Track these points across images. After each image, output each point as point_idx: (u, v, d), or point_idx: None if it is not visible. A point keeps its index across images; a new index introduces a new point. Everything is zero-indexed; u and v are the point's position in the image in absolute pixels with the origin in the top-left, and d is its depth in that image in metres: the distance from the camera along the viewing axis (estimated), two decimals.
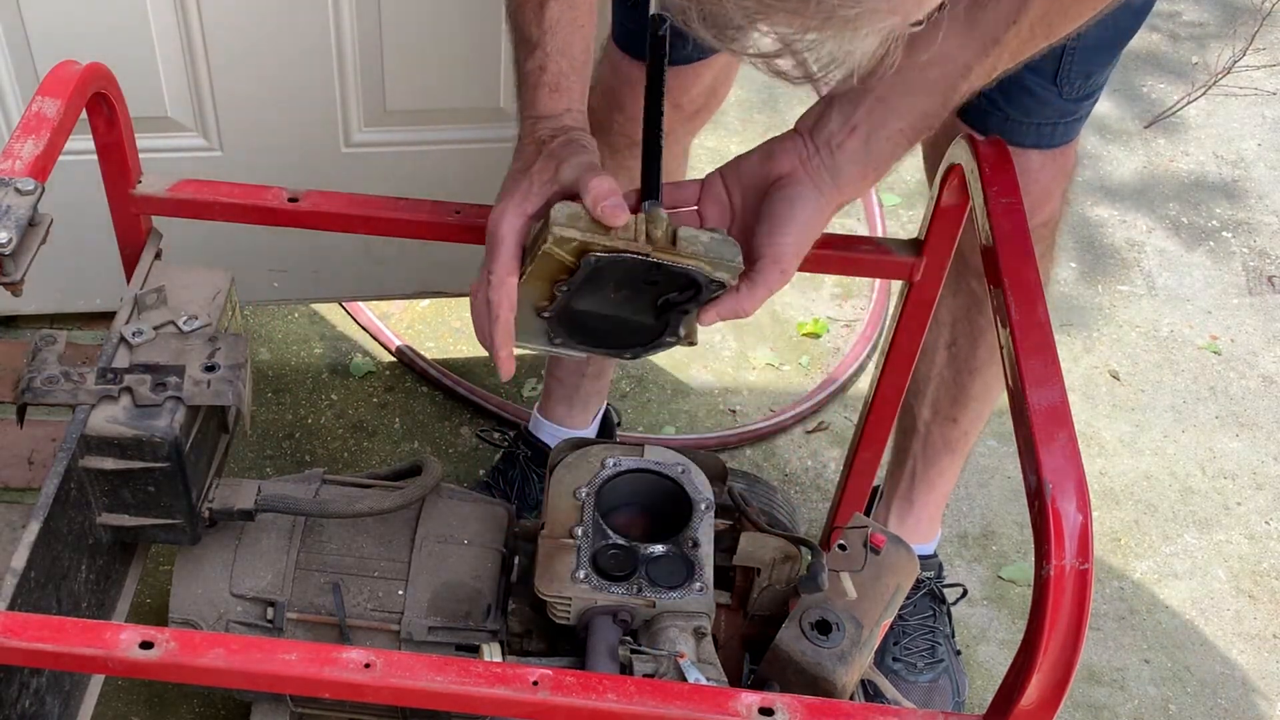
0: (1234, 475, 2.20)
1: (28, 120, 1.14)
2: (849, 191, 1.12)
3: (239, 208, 1.34)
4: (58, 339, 1.24)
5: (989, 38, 1.06)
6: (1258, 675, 1.93)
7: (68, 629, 1.00)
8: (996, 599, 2.00)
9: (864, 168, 1.11)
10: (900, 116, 1.09)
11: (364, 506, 1.32)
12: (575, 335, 1.18)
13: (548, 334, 1.18)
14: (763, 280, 1.11)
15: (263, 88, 1.82)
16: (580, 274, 1.10)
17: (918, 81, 1.08)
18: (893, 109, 1.09)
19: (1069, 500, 0.93)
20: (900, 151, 1.12)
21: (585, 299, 1.14)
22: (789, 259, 1.11)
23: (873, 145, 1.10)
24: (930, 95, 1.09)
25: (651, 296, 1.14)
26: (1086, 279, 2.53)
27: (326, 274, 2.07)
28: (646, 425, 2.19)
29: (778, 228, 1.10)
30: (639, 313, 1.16)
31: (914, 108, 1.09)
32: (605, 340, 1.19)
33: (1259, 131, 2.90)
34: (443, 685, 0.99)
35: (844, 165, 1.10)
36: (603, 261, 1.09)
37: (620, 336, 1.18)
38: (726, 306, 1.12)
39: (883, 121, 1.09)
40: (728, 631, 1.40)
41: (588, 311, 1.16)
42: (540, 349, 1.19)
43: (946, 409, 1.72)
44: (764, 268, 1.11)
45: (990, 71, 1.09)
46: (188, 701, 1.76)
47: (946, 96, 1.09)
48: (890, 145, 1.11)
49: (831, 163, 1.11)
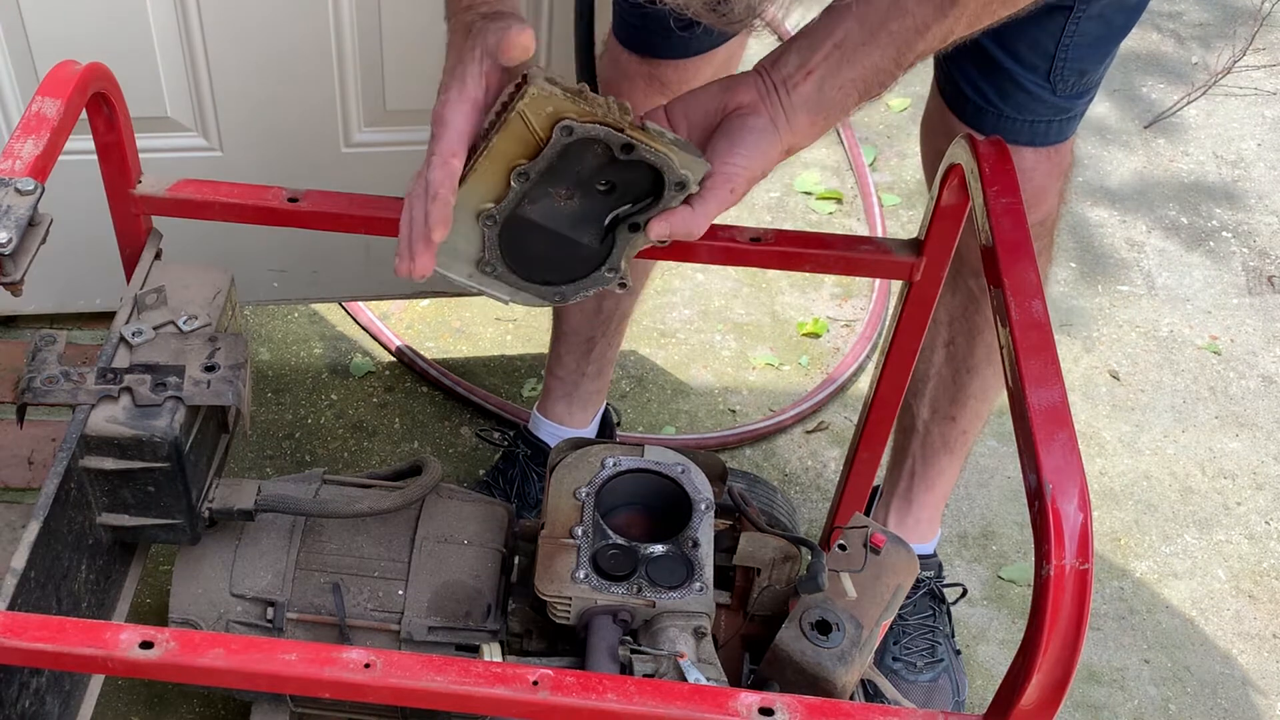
0: (1234, 475, 2.20)
1: (28, 120, 1.14)
2: (799, 135, 1.12)
3: (239, 208, 1.34)
4: (58, 339, 1.24)
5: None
6: (1258, 675, 1.93)
7: (68, 629, 1.00)
8: (996, 599, 2.00)
9: (814, 114, 1.11)
10: (853, 65, 1.10)
11: (364, 506, 1.32)
12: (509, 257, 1.12)
13: (478, 257, 1.12)
14: (713, 197, 1.10)
15: (263, 88, 1.82)
16: (549, 151, 1.06)
17: (875, 34, 1.09)
18: (847, 57, 1.10)
19: (1069, 500, 0.93)
20: (849, 104, 1.12)
21: (536, 201, 1.10)
22: (740, 180, 1.10)
23: (825, 91, 1.10)
24: (885, 49, 1.09)
25: (603, 209, 1.11)
26: (1086, 279, 2.53)
27: (326, 274, 2.07)
28: (646, 425, 2.19)
29: (734, 148, 1.10)
30: (584, 230, 1.12)
31: (868, 58, 1.09)
32: (538, 269, 1.14)
33: (1259, 131, 2.90)
34: (443, 685, 0.99)
35: (797, 107, 1.11)
36: (576, 135, 1.06)
37: (556, 264, 1.14)
38: (678, 219, 1.10)
39: (836, 69, 1.10)
40: (728, 631, 1.40)
41: (532, 222, 1.11)
42: (461, 279, 1.13)
43: (945, 408, 1.72)
44: (715, 185, 1.10)
45: (947, 35, 1.09)
46: (188, 701, 1.76)
47: (900, 53, 1.10)
48: (841, 95, 1.11)
49: (787, 102, 1.11)
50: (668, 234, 1.10)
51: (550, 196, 1.10)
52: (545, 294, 1.15)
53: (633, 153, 1.08)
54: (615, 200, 1.11)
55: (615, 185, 1.10)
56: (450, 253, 1.12)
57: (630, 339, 2.27)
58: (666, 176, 1.09)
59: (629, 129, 1.07)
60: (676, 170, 1.08)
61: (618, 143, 1.07)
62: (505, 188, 1.09)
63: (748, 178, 1.11)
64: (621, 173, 1.10)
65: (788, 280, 2.45)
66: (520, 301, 1.16)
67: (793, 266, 1.43)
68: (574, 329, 1.89)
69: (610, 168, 1.10)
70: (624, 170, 1.09)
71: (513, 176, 1.08)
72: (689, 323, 2.37)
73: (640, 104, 1.61)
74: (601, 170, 1.10)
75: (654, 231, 1.10)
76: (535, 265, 1.13)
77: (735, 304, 2.41)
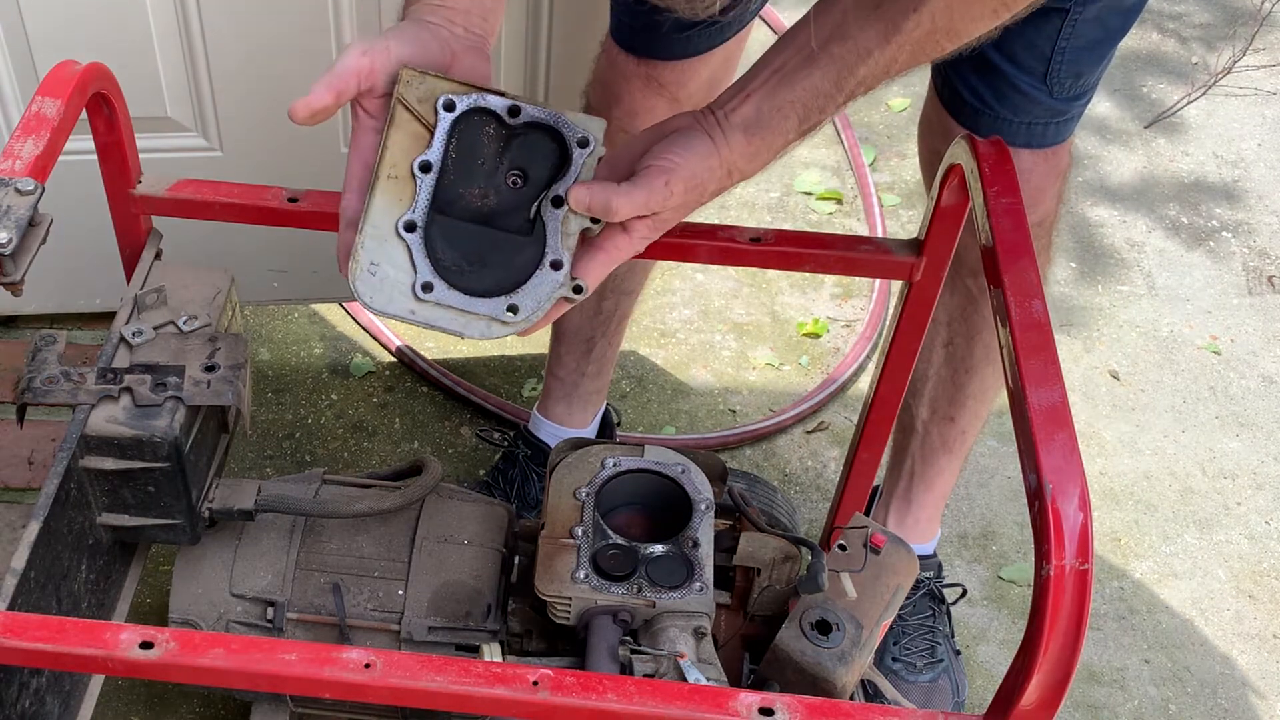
0: (1234, 475, 2.20)
1: (28, 120, 1.14)
2: (736, 153, 1.09)
3: (239, 208, 1.34)
4: (58, 339, 1.24)
5: (890, 24, 1.05)
6: (1258, 675, 1.93)
7: (68, 629, 1.00)
8: (996, 599, 2.00)
9: (750, 134, 1.08)
10: (791, 88, 1.08)
11: (364, 506, 1.32)
12: (443, 271, 1.06)
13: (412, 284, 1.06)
14: (644, 184, 1.05)
15: (263, 88, 1.82)
16: (439, 131, 1.05)
17: (815, 55, 1.08)
18: (786, 80, 1.09)
19: (1069, 500, 0.93)
20: (789, 127, 1.09)
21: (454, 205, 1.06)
22: (678, 178, 1.06)
23: (762, 111, 1.09)
24: (825, 70, 1.08)
25: (524, 200, 1.07)
26: (1086, 279, 2.53)
27: (326, 274, 2.07)
28: (646, 425, 2.19)
29: (671, 148, 1.07)
30: (511, 220, 1.07)
31: (807, 80, 1.08)
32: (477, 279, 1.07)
33: (1259, 131, 2.90)
34: (443, 685, 0.99)
35: (735, 126, 1.09)
36: (459, 108, 1.04)
37: (495, 268, 1.07)
38: (598, 188, 1.05)
39: (774, 91, 1.09)
40: (728, 631, 1.40)
41: (457, 226, 1.06)
42: (403, 315, 1.06)
43: (944, 408, 1.72)
44: (650, 174, 1.06)
45: (889, 64, 1.08)
46: (188, 701, 1.76)
47: (841, 77, 1.08)
48: (779, 116, 1.09)
49: (725, 123, 1.09)
50: (587, 203, 1.05)
51: (466, 198, 1.07)
52: (497, 312, 1.06)
53: (520, 115, 1.05)
54: (533, 188, 1.07)
55: (526, 170, 1.07)
56: (384, 288, 1.05)
57: (630, 339, 2.27)
58: (566, 136, 1.06)
59: (509, 94, 1.05)
60: (572, 125, 1.05)
61: (502, 106, 1.05)
62: (415, 191, 1.06)
63: (685, 176, 1.06)
64: (524, 149, 1.06)
65: (788, 280, 2.45)
66: (476, 334, 1.06)
67: (793, 266, 1.43)
68: (574, 329, 1.89)
69: (511, 147, 1.06)
70: (526, 146, 1.06)
71: (415, 169, 1.05)
72: (689, 323, 2.37)
73: (638, 105, 1.62)
74: (503, 152, 1.07)
75: (573, 199, 1.05)
76: (474, 275, 1.06)
77: (735, 304, 2.41)
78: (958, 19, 1.06)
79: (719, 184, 1.10)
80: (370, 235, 1.05)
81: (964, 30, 1.07)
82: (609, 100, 1.63)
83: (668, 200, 1.06)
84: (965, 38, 1.08)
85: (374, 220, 1.05)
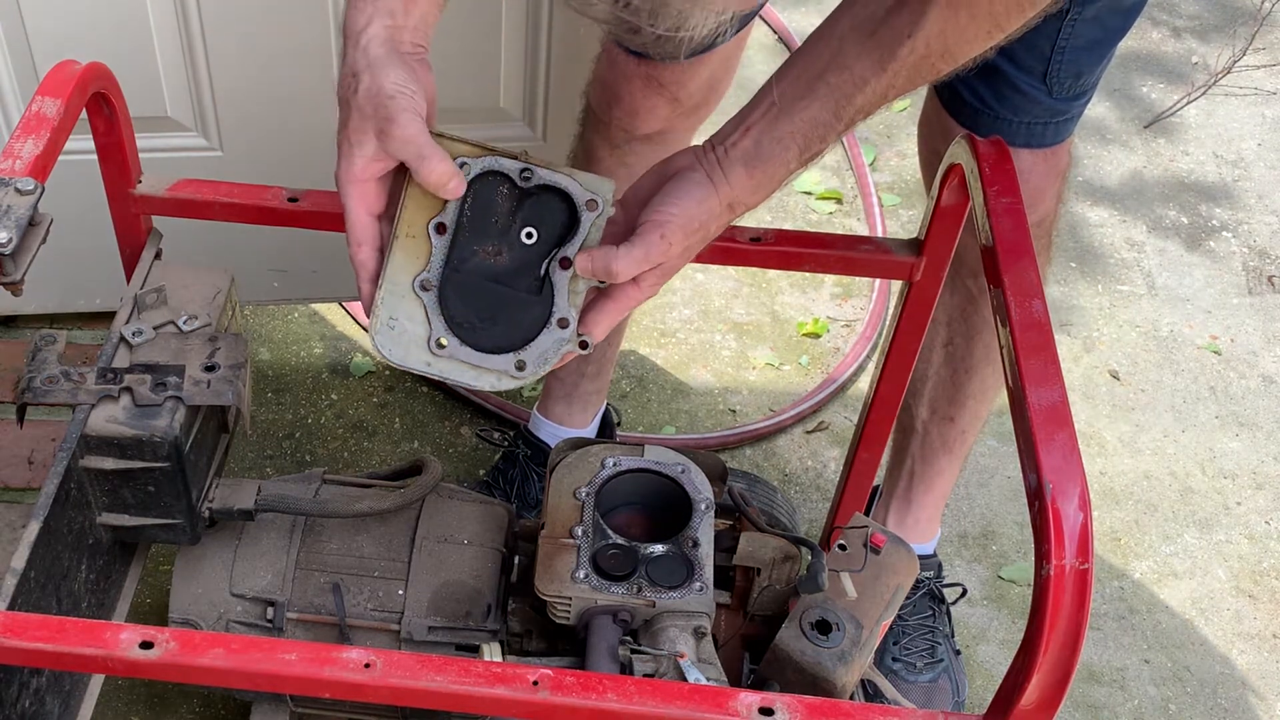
0: (1234, 475, 2.20)
1: (28, 120, 1.14)
2: (738, 189, 1.10)
3: (239, 208, 1.34)
4: (58, 339, 1.24)
5: (886, 51, 1.07)
6: (1258, 675, 1.93)
7: (68, 629, 1.00)
8: (996, 599, 2.00)
9: (750, 167, 1.10)
10: (791, 119, 1.10)
11: (364, 506, 1.32)
12: (456, 327, 1.11)
13: (427, 339, 1.11)
14: (641, 241, 1.07)
15: (263, 88, 1.82)
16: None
17: (813, 86, 1.09)
18: (785, 111, 1.10)
19: (1069, 500, 0.93)
20: (790, 158, 1.11)
21: (467, 262, 1.10)
22: (674, 228, 1.07)
23: (762, 144, 1.10)
24: (823, 101, 1.09)
25: (534, 257, 1.10)
26: (1086, 279, 2.53)
27: (326, 274, 2.07)
28: (646, 425, 2.19)
29: (667, 200, 1.09)
30: (522, 281, 1.11)
31: (806, 111, 1.09)
32: (489, 335, 1.12)
33: (1259, 131, 2.90)
34: (443, 685, 0.99)
35: (735, 161, 1.10)
36: (474, 170, 1.08)
37: (506, 325, 1.12)
38: (599, 254, 1.07)
39: (774, 123, 1.10)
40: (728, 631, 1.40)
41: (469, 284, 1.10)
42: (420, 368, 1.12)
43: (944, 408, 1.72)
44: (645, 231, 1.07)
45: (886, 90, 1.09)
46: (188, 701, 1.76)
47: (839, 107, 1.09)
48: (780, 148, 1.10)
49: (725, 159, 1.10)
50: (590, 269, 1.08)
51: (478, 255, 1.11)
52: (506, 367, 1.11)
53: (532, 178, 1.09)
54: (542, 247, 1.11)
55: (536, 230, 1.11)
56: (403, 341, 1.11)
57: (630, 339, 2.27)
58: (575, 198, 1.09)
59: (523, 156, 1.09)
60: (580, 188, 1.09)
61: (515, 169, 1.09)
62: (430, 250, 1.10)
63: (681, 225, 1.08)
64: (536, 210, 1.10)
65: (788, 280, 2.45)
66: (487, 386, 1.12)
67: (793, 266, 1.43)
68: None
69: (523, 207, 1.10)
70: (537, 207, 1.10)
71: (430, 231, 1.09)
72: (689, 323, 2.37)
73: (639, 104, 1.62)
74: (515, 212, 1.10)
75: (578, 267, 1.09)
76: (485, 332, 1.12)
77: (735, 304, 2.41)
78: (952, 43, 1.07)
79: (720, 221, 1.12)
80: (389, 291, 1.10)
81: (959, 53, 1.08)
82: (609, 100, 1.63)
83: (667, 253, 1.08)
84: (960, 60, 1.09)
85: (392, 277, 1.10)
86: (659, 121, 1.62)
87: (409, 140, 1.04)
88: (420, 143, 1.04)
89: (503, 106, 1.89)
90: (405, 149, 1.05)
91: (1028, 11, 1.06)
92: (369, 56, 1.06)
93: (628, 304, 1.11)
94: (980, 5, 1.05)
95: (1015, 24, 1.07)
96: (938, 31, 1.06)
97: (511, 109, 1.91)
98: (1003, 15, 1.06)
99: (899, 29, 1.06)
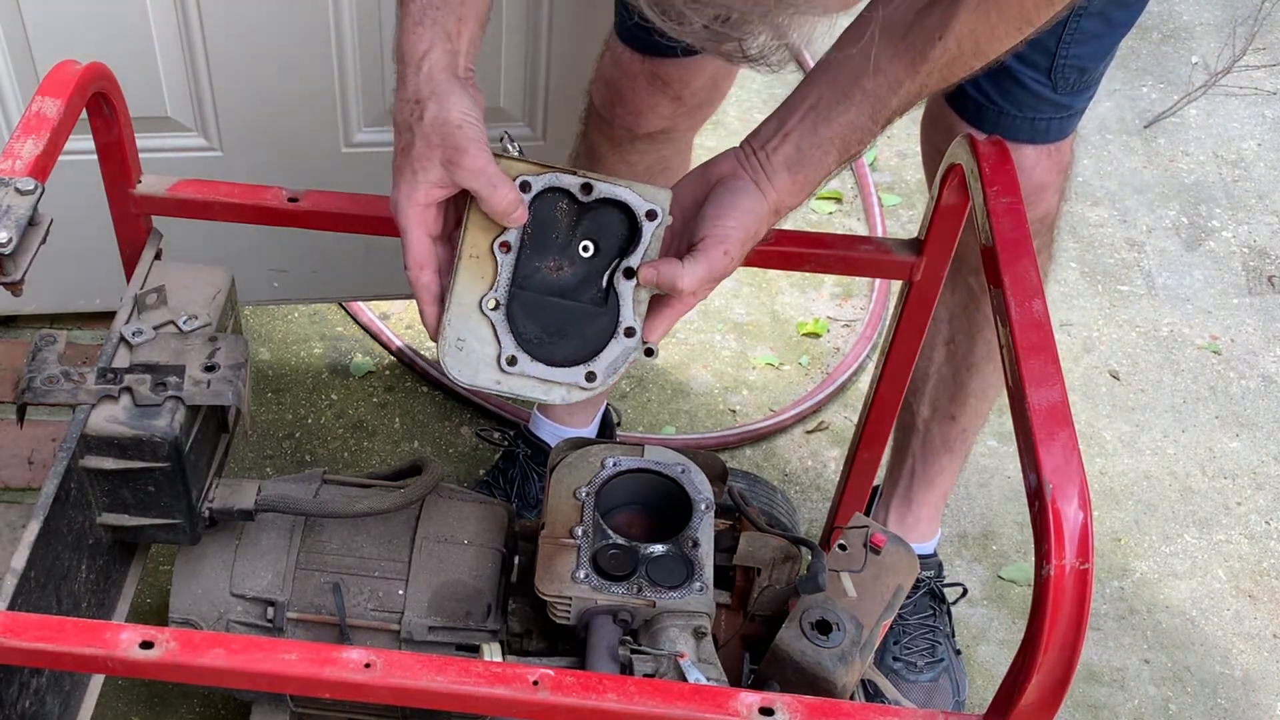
0: (1234, 475, 2.20)
1: (28, 120, 1.14)
2: (783, 193, 1.13)
3: (239, 208, 1.34)
4: (58, 339, 1.24)
5: (918, 53, 1.08)
6: (1258, 675, 1.93)
7: (68, 629, 1.00)
8: (996, 599, 2.00)
9: (793, 172, 1.13)
10: (829, 124, 1.12)
11: (364, 506, 1.32)
12: (525, 344, 1.13)
13: (497, 354, 1.13)
14: (704, 258, 1.10)
15: (263, 88, 1.82)
16: None
17: (849, 92, 1.11)
18: (823, 117, 1.12)
19: (1069, 500, 0.93)
20: (829, 161, 1.13)
21: (531, 279, 1.12)
22: (734, 242, 1.11)
23: (803, 150, 1.13)
24: (860, 106, 1.11)
25: (597, 270, 1.13)
26: (1086, 279, 2.53)
27: (326, 274, 2.07)
28: (646, 425, 2.19)
29: (723, 212, 1.11)
30: (587, 293, 1.13)
31: (843, 116, 1.12)
32: (558, 350, 1.14)
33: (1259, 131, 2.90)
34: (443, 685, 0.99)
35: (777, 167, 1.13)
36: (534, 188, 1.09)
37: (573, 339, 1.14)
38: (664, 267, 1.10)
39: (813, 128, 1.12)
40: (728, 631, 1.40)
41: (535, 300, 1.13)
42: (490, 387, 1.14)
43: (945, 407, 1.72)
44: (708, 246, 1.10)
45: (920, 90, 1.11)
46: (188, 701, 1.76)
47: (875, 109, 1.12)
48: (820, 153, 1.13)
49: (767, 165, 1.13)
50: (655, 281, 1.10)
51: (541, 271, 1.13)
52: (576, 379, 1.13)
53: (592, 192, 1.11)
54: (604, 259, 1.13)
55: (597, 242, 1.12)
56: (471, 361, 1.13)
57: None
58: (635, 210, 1.11)
59: (581, 172, 1.11)
60: (640, 200, 1.11)
61: (575, 184, 1.11)
62: (496, 269, 1.12)
63: (740, 238, 1.11)
64: (596, 223, 1.12)
65: (788, 280, 2.45)
66: (558, 399, 1.14)
67: (793, 266, 1.43)
68: None
69: (583, 221, 1.12)
70: (597, 220, 1.12)
71: (495, 250, 1.11)
72: (689, 323, 2.37)
73: (643, 102, 1.62)
74: (576, 226, 1.12)
75: (643, 278, 1.11)
76: (554, 346, 1.14)
77: (735, 304, 2.41)
78: (983, 41, 1.08)
79: (769, 224, 1.15)
80: (456, 313, 1.12)
81: (990, 50, 1.10)
82: (613, 98, 1.63)
83: (729, 267, 1.11)
84: (991, 56, 1.11)
85: (458, 298, 1.12)
86: (662, 120, 1.62)
87: (479, 171, 1.06)
88: (490, 173, 1.06)
89: (502, 106, 1.89)
90: (475, 179, 1.06)
91: (1057, 5, 1.07)
92: (433, 83, 1.08)
93: (683, 309, 1.14)
94: (1010, 2, 1.06)
95: (1045, 17, 1.08)
96: (968, 31, 1.07)
97: (511, 109, 1.91)
98: (1033, 10, 1.07)
99: (930, 30, 1.07)
